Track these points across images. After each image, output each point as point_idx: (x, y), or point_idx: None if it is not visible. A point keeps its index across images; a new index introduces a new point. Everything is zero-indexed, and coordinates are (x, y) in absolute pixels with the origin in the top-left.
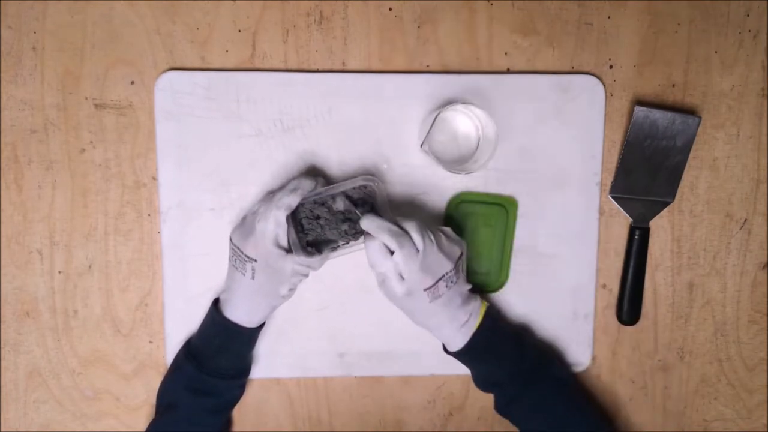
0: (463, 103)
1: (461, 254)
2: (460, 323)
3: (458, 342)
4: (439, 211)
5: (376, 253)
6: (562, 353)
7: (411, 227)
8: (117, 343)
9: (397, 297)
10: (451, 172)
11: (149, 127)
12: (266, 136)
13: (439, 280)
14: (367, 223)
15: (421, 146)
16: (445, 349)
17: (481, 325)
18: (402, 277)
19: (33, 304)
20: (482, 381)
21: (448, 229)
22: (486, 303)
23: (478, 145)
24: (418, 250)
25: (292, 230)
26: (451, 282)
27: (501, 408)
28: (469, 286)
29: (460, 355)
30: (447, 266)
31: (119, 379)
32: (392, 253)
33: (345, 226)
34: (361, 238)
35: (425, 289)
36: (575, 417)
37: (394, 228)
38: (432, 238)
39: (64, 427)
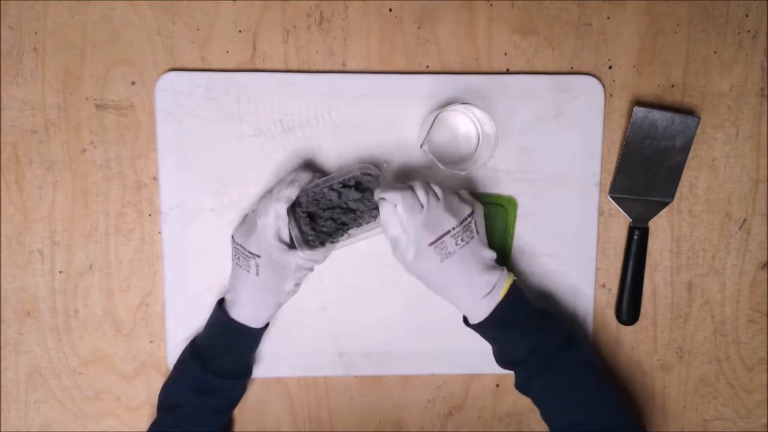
0: (463, 103)
1: (471, 213)
2: (483, 293)
3: (481, 313)
4: None
5: (387, 216)
6: (589, 340)
7: (416, 185)
8: (118, 343)
9: (408, 261)
10: (451, 172)
11: (150, 127)
12: (266, 137)
13: (444, 235)
14: (378, 190)
15: (421, 146)
16: (466, 323)
17: (505, 298)
18: (407, 237)
19: (34, 304)
20: (503, 357)
21: (463, 191)
22: (513, 276)
23: (477, 145)
24: (422, 206)
25: (294, 224)
26: (461, 240)
27: (521, 386)
28: (492, 254)
29: (482, 328)
30: (451, 222)
31: (120, 379)
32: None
33: (346, 217)
34: (362, 229)
35: (430, 244)
36: (599, 401)
37: (399, 185)
38: (439, 195)
39: (64, 427)
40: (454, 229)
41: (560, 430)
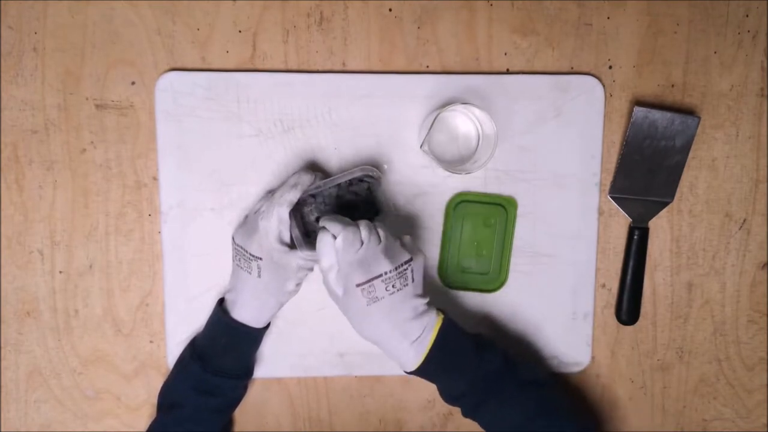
0: (463, 103)
1: (409, 260)
2: (411, 339)
3: (411, 360)
4: (438, 211)
5: (324, 245)
6: (539, 356)
7: (362, 223)
8: (118, 343)
9: (338, 296)
10: (450, 172)
11: (150, 127)
12: (266, 137)
13: (375, 278)
14: (324, 218)
15: (421, 146)
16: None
17: (436, 340)
18: (338, 271)
19: (34, 304)
20: (445, 395)
21: (407, 237)
22: (442, 315)
23: (477, 145)
24: (361, 243)
25: (295, 225)
26: (393, 287)
27: (469, 416)
28: (426, 300)
29: (420, 373)
30: (385, 266)
31: (120, 378)
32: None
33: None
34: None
35: (357, 285)
36: (547, 418)
37: (347, 220)
38: (382, 237)
39: (64, 426)
40: (386, 273)
41: None
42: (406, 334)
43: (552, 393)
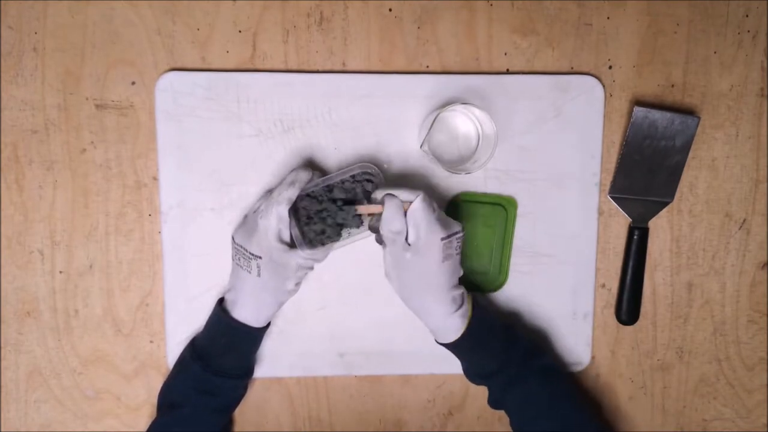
0: (463, 103)
1: (463, 229)
2: (455, 306)
3: (455, 329)
4: None
5: (393, 210)
6: (554, 347)
7: (422, 194)
8: (118, 343)
9: (405, 260)
10: (450, 172)
11: (150, 127)
12: (266, 137)
13: (453, 235)
14: (384, 192)
15: (421, 146)
16: (437, 341)
17: (474, 313)
18: (416, 230)
19: (34, 304)
20: (474, 373)
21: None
22: (469, 294)
23: (477, 145)
24: (434, 209)
25: (294, 224)
26: (458, 249)
27: (494, 400)
28: (462, 272)
29: (456, 346)
30: (456, 227)
31: (120, 378)
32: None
33: (346, 216)
34: (363, 227)
35: (442, 239)
36: (567, 407)
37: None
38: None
39: (64, 426)
40: (459, 233)
41: None
42: (453, 301)
43: (572, 383)
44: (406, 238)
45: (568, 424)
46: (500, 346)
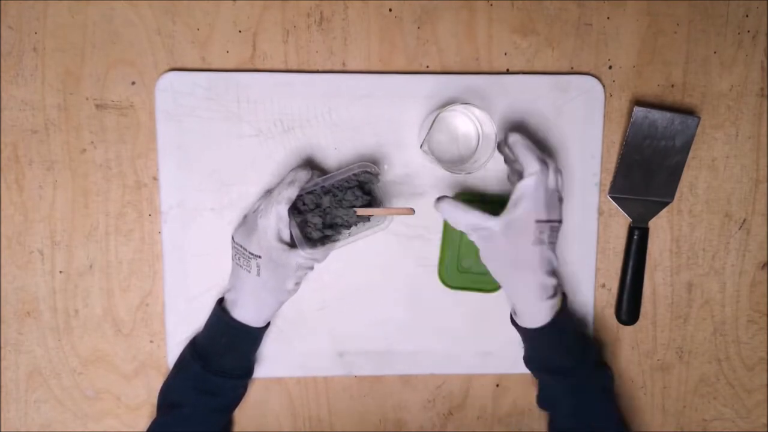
0: (463, 103)
1: (561, 221)
2: (547, 294)
3: (542, 316)
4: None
5: (530, 154)
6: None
7: (552, 164)
8: (118, 343)
9: (494, 233)
10: (451, 172)
11: (150, 127)
12: (266, 137)
13: (551, 221)
14: (518, 137)
15: (421, 146)
16: (513, 322)
17: (562, 308)
18: (518, 201)
19: (34, 304)
20: (541, 366)
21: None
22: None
23: (477, 145)
24: (546, 188)
25: (294, 224)
26: (554, 237)
27: (547, 398)
28: (557, 262)
29: (535, 333)
30: (558, 215)
31: (120, 378)
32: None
33: (346, 215)
34: (362, 228)
35: (537, 221)
36: (613, 426)
37: (540, 155)
38: (561, 184)
39: (64, 426)
40: (557, 222)
41: None
42: (544, 288)
43: (618, 408)
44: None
45: None
46: (578, 348)
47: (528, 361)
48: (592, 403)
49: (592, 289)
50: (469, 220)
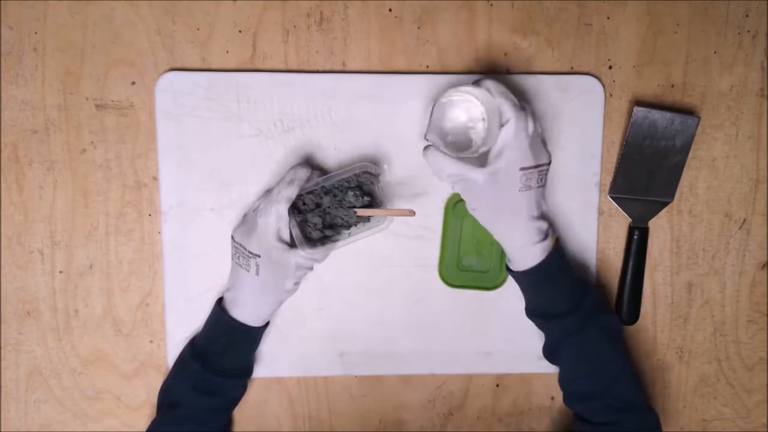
0: (458, 86)
1: (550, 162)
2: (539, 236)
3: (532, 257)
4: (438, 210)
5: (437, 164)
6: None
7: (528, 109)
8: (118, 343)
9: (478, 185)
10: (460, 157)
11: (150, 127)
12: (266, 137)
13: (537, 167)
14: (492, 83)
15: (426, 137)
16: (508, 269)
17: (554, 250)
18: (499, 153)
19: (34, 304)
20: (539, 311)
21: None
22: (555, 234)
23: (482, 126)
24: (528, 134)
25: (294, 223)
26: (542, 180)
27: (551, 344)
28: (547, 207)
29: (528, 275)
30: (546, 158)
31: (120, 378)
32: (502, 126)
33: (346, 215)
34: (362, 228)
35: (521, 168)
36: (620, 374)
37: (516, 100)
38: (539, 129)
39: (64, 426)
40: (544, 165)
41: (579, 395)
42: (536, 230)
43: (627, 350)
44: (486, 157)
45: (617, 390)
46: (572, 290)
47: (527, 310)
48: (595, 345)
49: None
50: (452, 170)
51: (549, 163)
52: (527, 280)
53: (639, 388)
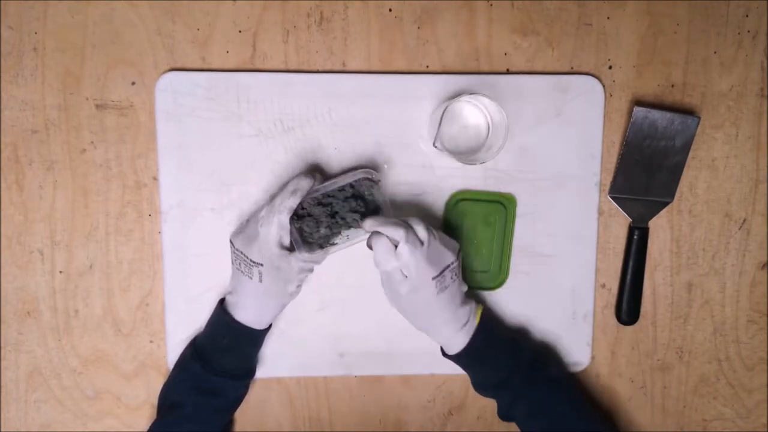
0: (470, 93)
1: (459, 250)
2: (461, 324)
3: (459, 343)
4: (438, 210)
5: (382, 251)
6: (560, 353)
7: (414, 221)
8: (118, 343)
9: (401, 295)
10: (465, 164)
11: (150, 127)
12: (266, 137)
13: (445, 269)
14: (371, 222)
15: (434, 144)
16: (443, 354)
17: (479, 326)
18: (407, 271)
19: (34, 304)
20: (482, 384)
21: (441, 232)
22: (481, 305)
23: (488, 134)
24: (422, 243)
25: (294, 228)
26: (455, 275)
27: (504, 412)
28: (466, 287)
29: (460, 358)
30: (450, 257)
31: (120, 378)
32: (396, 247)
33: (346, 219)
34: (361, 231)
35: (433, 278)
36: (574, 417)
37: (399, 221)
38: (434, 232)
39: (64, 426)
40: (452, 264)
41: None
42: (458, 319)
43: (577, 391)
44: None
45: None
46: (505, 358)
47: (473, 386)
48: (545, 403)
49: (592, 289)
50: (389, 267)
51: (458, 254)
52: (462, 361)
53: (598, 424)
